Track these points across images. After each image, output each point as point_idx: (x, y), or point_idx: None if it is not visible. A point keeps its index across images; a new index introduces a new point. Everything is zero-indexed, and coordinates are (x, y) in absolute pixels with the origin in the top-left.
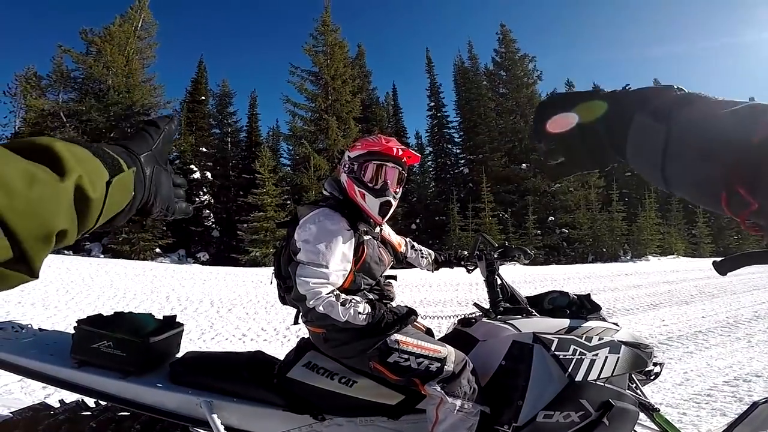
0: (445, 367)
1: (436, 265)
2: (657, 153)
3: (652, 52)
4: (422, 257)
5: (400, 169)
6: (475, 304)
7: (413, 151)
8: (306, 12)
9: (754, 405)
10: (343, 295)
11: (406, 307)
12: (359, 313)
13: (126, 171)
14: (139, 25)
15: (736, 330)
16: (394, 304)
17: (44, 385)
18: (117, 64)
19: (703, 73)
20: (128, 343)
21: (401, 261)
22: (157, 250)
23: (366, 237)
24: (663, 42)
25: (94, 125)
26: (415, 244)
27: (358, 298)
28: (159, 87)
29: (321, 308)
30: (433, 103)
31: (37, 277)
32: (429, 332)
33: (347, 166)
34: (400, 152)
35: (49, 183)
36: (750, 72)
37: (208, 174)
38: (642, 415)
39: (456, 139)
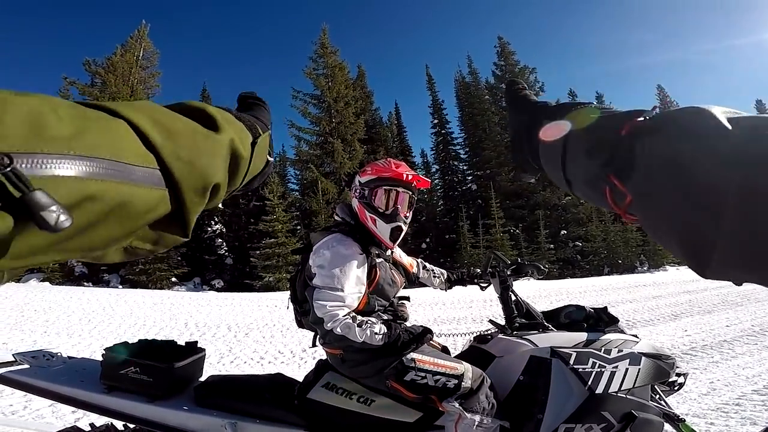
0: (463, 383)
1: (449, 283)
2: (558, 157)
3: (651, 59)
4: (434, 277)
5: (410, 193)
6: (491, 321)
7: (423, 176)
8: (305, 36)
9: None
10: (359, 317)
11: (421, 326)
12: (375, 333)
13: (263, 135)
14: (141, 55)
15: (764, 338)
16: (408, 323)
17: (74, 409)
18: (122, 95)
19: (706, 77)
20: (154, 368)
21: (414, 282)
22: (173, 279)
23: (378, 260)
24: (662, 48)
25: None
26: (427, 264)
27: (373, 319)
28: None
29: (338, 330)
30: (436, 120)
31: (188, 237)
32: (445, 350)
33: (358, 191)
34: (410, 177)
35: (210, 136)
36: (751, 75)
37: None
38: (667, 426)
39: (462, 156)
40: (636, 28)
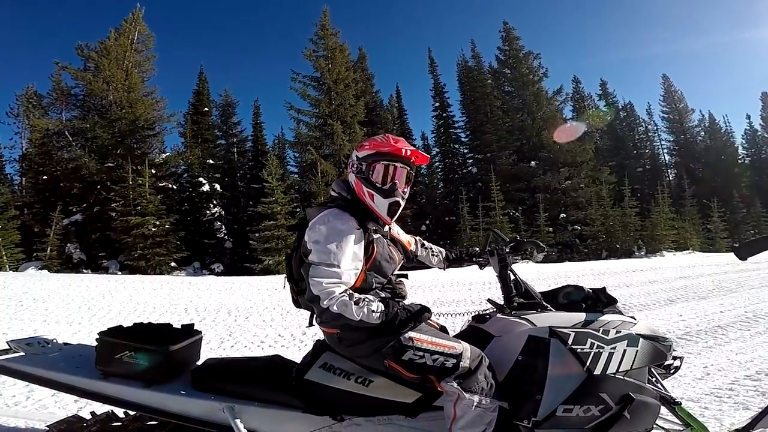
0: (461, 363)
1: (448, 262)
2: None
3: (657, 49)
4: (433, 255)
5: (409, 169)
6: (489, 300)
7: (422, 152)
8: (304, 18)
9: None
10: (356, 295)
11: (420, 304)
12: (373, 311)
13: None
14: (135, 39)
15: (756, 324)
16: (406, 302)
17: (76, 398)
18: (116, 79)
19: (713, 68)
20: (149, 352)
21: (412, 260)
22: (173, 264)
23: (376, 236)
24: (668, 39)
25: (99, 142)
26: (425, 242)
27: (371, 297)
28: (161, 100)
29: (335, 308)
30: (437, 104)
31: None
32: (443, 330)
33: (355, 166)
34: (409, 152)
35: None
36: (759, 68)
37: (217, 186)
38: (663, 410)
39: (463, 139)
40: (643, 18)
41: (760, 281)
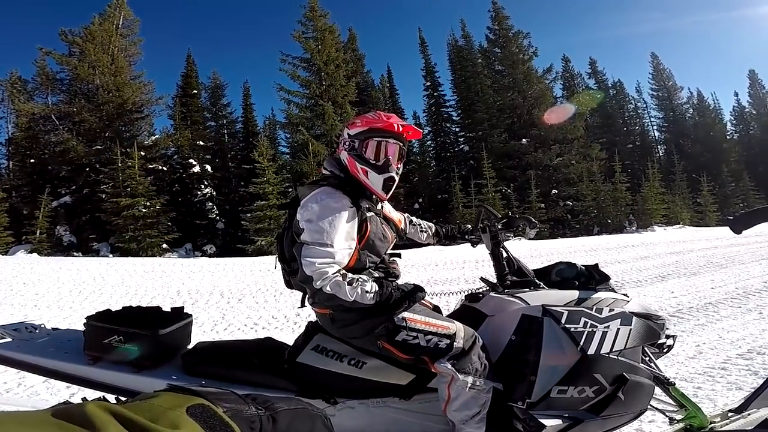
0: (455, 343)
1: (438, 237)
2: None
3: (646, 27)
4: (422, 231)
5: (401, 144)
6: (482, 279)
7: (414, 127)
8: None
9: None
10: (349, 275)
11: (413, 284)
12: (366, 291)
13: None
14: (120, 23)
15: (747, 301)
16: (400, 281)
17: (68, 384)
18: (102, 63)
19: (701, 46)
20: (138, 336)
21: (402, 238)
22: (164, 245)
23: (369, 214)
24: (657, 17)
25: (87, 126)
26: (414, 218)
27: (364, 277)
28: (149, 83)
29: (328, 288)
30: (429, 83)
31: None
32: (437, 309)
33: (347, 144)
34: (401, 128)
35: None
36: (746, 46)
37: (208, 167)
38: (657, 390)
39: (454, 118)
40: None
41: (750, 256)
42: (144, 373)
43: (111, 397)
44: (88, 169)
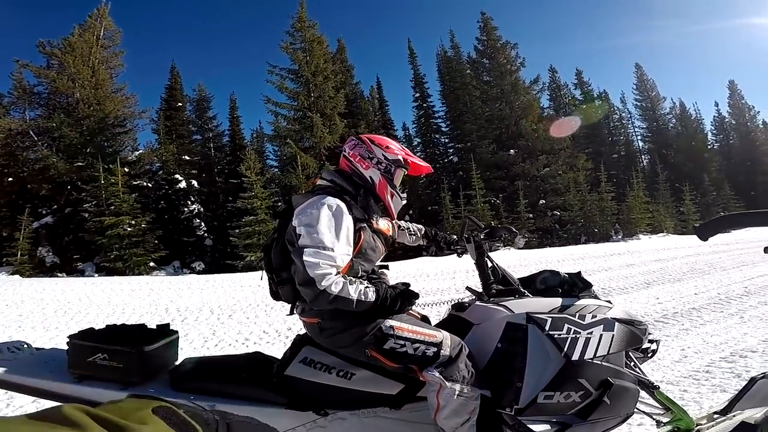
0: (442, 351)
1: (427, 239)
2: None
3: (630, 39)
4: (410, 234)
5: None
6: (468, 288)
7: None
8: (279, 9)
9: (753, 380)
10: (348, 277)
11: (403, 283)
12: (367, 287)
13: None
14: (101, 34)
15: (729, 306)
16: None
17: (57, 404)
18: (83, 76)
19: (684, 58)
20: (123, 353)
21: (392, 245)
22: (151, 264)
23: (362, 224)
24: (641, 29)
25: (67, 141)
26: (402, 222)
27: (360, 280)
28: (132, 96)
29: (332, 288)
30: (418, 94)
31: None
32: (425, 319)
33: (383, 165)
34: (424, 171)
35: None
36: (726, 57)
37: (194, 182)
38: (643, 393)
39: (443, 129)
40: (616, 8)
41: (731, 262)
42: (131, 390)
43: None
44: (69, 187)
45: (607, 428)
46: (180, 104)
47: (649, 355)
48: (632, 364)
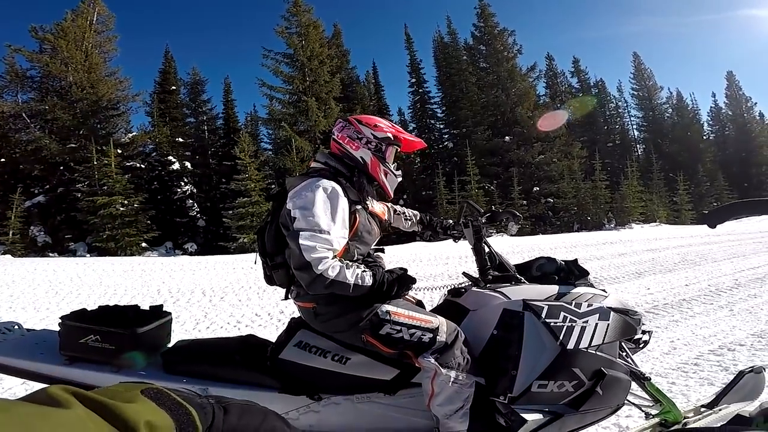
0: (438, 337)
1: (422, 225)
2: None
3: (629, 28)
4: (406, 219)
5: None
6: (464, 274)
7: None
8: None
9: (741, 374)
10: (345, 261)
11: (400, 268)
12: (364, 272)
13: None
14: (95, 19)
15: (719, 298)
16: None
17: (46, 385)
18: (76, 60)
19: (682, 48)
20: (115, 335)
21: (387, 228)
22: (144, 244)
23: (357, 206)
24: (639, 19)
25: (60, 124)
26: (398, 207)
27: (356, 264)
28: (125, 80)
29: (330, 272)
30: (414, 80)
31: None
32: (420, 304)
33: (373, 144)
34: (418, 147)
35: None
36: (725, 48)
37: (188, 164)
38: (633, 385)
39: (439, 115)
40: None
41: (722, 254)
42: (123, 373)
43: None
44: (62, 167)
45: (597, 419)
46: (174, 87)
47: (641, 345)
48: (624, 354)
